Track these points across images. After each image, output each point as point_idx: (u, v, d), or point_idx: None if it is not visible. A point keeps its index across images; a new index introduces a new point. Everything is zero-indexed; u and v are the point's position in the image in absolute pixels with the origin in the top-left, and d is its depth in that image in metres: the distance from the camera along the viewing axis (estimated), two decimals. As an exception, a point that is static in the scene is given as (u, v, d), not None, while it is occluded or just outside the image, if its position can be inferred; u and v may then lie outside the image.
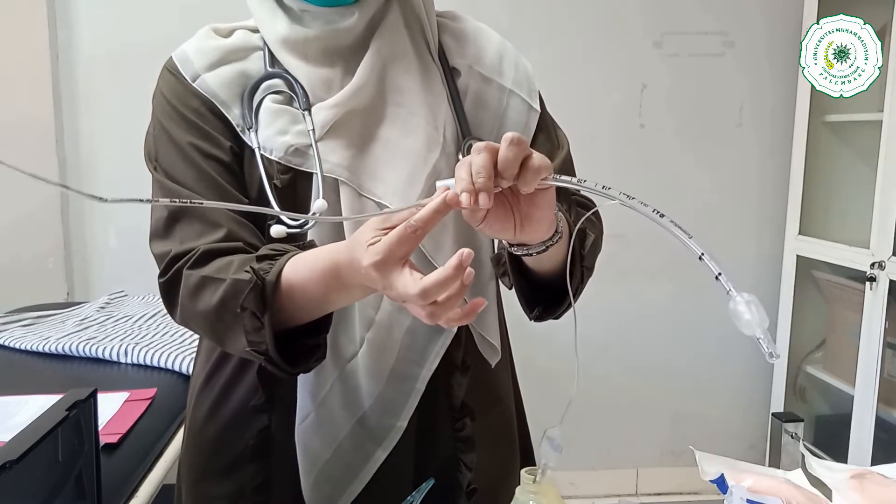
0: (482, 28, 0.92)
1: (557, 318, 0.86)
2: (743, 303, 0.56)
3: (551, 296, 0.84)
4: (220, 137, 0.81)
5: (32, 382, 1.52)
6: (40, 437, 0.75)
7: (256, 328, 0.71)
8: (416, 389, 0.83)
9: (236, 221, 0.79)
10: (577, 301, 0.79)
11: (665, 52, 2.47)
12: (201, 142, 0.81)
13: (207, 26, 0.87)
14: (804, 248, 2.40)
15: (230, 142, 0.82)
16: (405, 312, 0.82)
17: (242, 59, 0.84)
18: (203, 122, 0.81)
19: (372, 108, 0.83)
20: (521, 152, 0.62)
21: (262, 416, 0.84)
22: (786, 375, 2.50)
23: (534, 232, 0.70)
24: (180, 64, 0.83)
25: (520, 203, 0.68)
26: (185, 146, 0.81)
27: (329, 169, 0.79)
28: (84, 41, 2.30)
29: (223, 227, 0.78)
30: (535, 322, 0.86)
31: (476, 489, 0.87)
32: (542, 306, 0.85)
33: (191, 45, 0.85)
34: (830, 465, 0.83)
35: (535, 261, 0.78)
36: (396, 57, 0.85)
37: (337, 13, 0.83)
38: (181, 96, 0.82)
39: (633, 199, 0.61)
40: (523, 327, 1.10)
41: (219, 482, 0.87)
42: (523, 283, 0.84)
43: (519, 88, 0.89)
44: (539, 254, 0.75)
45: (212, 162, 0.80)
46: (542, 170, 0.64)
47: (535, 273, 0.82)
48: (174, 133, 0.81)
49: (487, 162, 0.62)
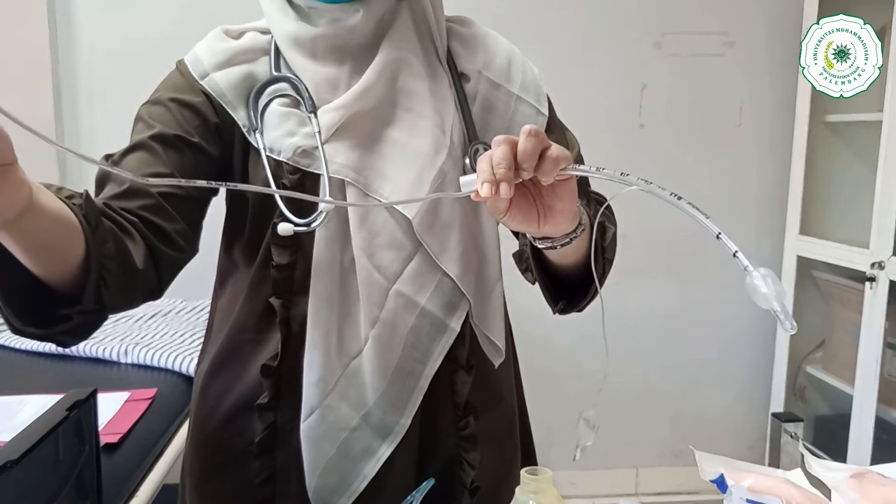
0: (491, 34, 0.93)
1: (581, 311, 0.87)
2: (759, 276, 0.58)
3: (574, 288, 0.85)
4: (205, 118, 0.82)
5: (32, 382, 1.53)
6: (40, 437, 0.75)
7: None
8: (420, 387, 0.84)
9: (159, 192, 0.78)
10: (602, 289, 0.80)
11: (665, 52, 2.47)
12: (183, 109, 0.82)
13: (219, 28, 0.88)
14: (804, 248, 2.40)
15: (215, 132, 0.83)
16: (410, 310, 0.82)
17: (251, 62, 0.85)
18: (192, 109, 0.83)
19: (379, 110, 0.84)
20: (539, 143, 0.64)
21: (267, 413, 0.84)
22: (786, 375, 2.50)
23: (557, 224, 0.72)
24: (191, 64, 0.85)
25: (542, 195, 0.69)
26: (165, 101, 0.83)
27: (335, 170, 0.80)
28: (84, 40, 2.30)
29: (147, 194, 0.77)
30: (560, 315, 0.88)
31: (478, 487, 0.87)
32: (567, 299, 0.86)
33: (202, 46, 0.86)
34: (830, 465, 0.83)
35: (558, 254, 0.79)
36: (405, 60, 0.85)
37: (341, 10, 0.83)
38: (180, 87, 0.84)
39: (651, 183, 0.63)
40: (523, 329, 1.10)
41: (223, 478, 0.88)
42: (545, 277, 0.85)
43: (527, 94, 0.90)
44: (563, 246, 0.76)
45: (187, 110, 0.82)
46: (561, 160, 0.65)
47: (557, 267, 0.83)
48: (161, 97, 0.83)
49: (507, 153, 0.64)
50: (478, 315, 0.87)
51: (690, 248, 2.52)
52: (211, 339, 0.92)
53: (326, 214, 0.79)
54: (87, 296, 0.69)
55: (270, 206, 0.80)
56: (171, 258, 0.79)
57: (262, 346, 0.85)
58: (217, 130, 0.84)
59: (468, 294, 0.84)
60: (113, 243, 0.71)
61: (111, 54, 2.29)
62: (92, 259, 0.68)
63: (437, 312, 0.83)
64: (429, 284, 0.83)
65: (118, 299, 0.73)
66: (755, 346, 2.61)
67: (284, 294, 0.83)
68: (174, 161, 0.80)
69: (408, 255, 0.82)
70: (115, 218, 0.74)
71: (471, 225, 0.86)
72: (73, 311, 0.69)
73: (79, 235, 0.67)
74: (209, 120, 0.83)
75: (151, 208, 0.78)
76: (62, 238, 0.66)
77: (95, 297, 0.70)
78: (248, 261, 0.85)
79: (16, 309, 0.68)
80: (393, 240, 0.82)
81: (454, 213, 0.84)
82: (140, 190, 0.77)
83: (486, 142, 0.87)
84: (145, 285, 0.77)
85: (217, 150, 0.84)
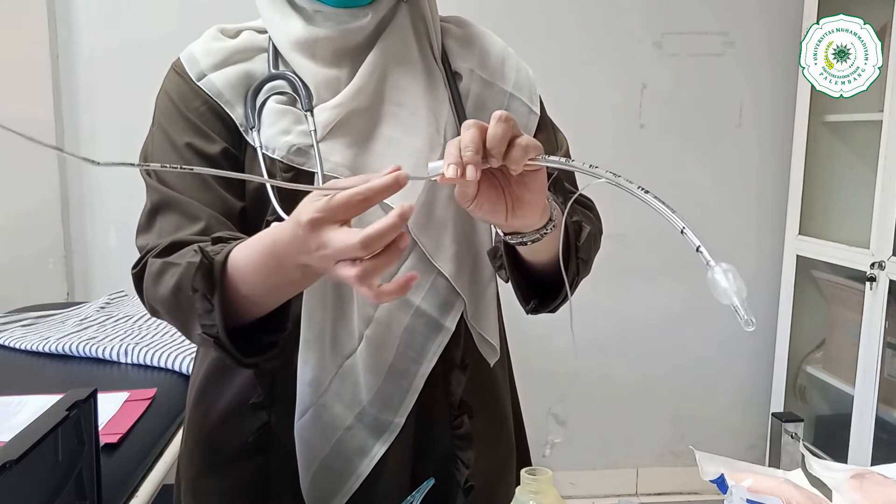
0: (485, 33, 0.93)
1: (553, 312, 0.86)
2: (721, 271, 0.57)
3: (547, 289, 0.84)
4: (217, 138, 0.82)
5: (32, 382, 1.52)
6: (40, 437, 0.75)
7: (207, 310, 0.70)
8: (415, 386, 0.84)
9: (215, 218, 0.79)
10: (573, 294, 0.79)
11: (665, 52, 2.47)
12: (198, 140, 0.82)
13: (215, 27, 0.87)
14: (804, 248, 2.40)
15: (227, 143, 0.82)
16: (404, 310, 0.82)
17: (248, 60, 0.85)
18: (203, 123, 0.82)
19: (374, 107, 0.84)
20: (508, 130, 0.64)
21: (261, 413, 0.84)
22: (786, 375, 2.50)
23: (526, 217, 0.71)
24: (187, 63, 0.84)
25: (511, 186, 0.69)
26: (181, 147, 0.82)
27: (331, 168, 0.80)
28: (84, 41, 2.29)
29: (201, 220, 0.78)
30: (531, 315, 0.87)
31: (473, 486, 0.87)
32: (538, 299, 0.85)
33: (198, 45, 0.86)
34: (830, 465, 0.83)
35: (530, 251, 0.78)
36: (401, 58, 0.85)
37: (350, 14, 0.83)
38: (185, 96, 0.83)
39: (619, 176, 0.63)
40: (519, 329, 1.10)
41: (218, 478, 0.88)
42: (519, 275, 0.84)
43: (520, 92, 0.90)
44: (533, 242, 0.75)
45: (205, 161, 0.81)
46: (531, 149, 0.65)
47: (530, 265, 0.83)
48: (172, 133, 0.82)
49: (476, 137, 0.64)
50: (472, 314, 0.87)
51: (691, 248, 2.52)
52: None
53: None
54: (285, 320, 0.76)
55: (265, 205, 0.80)
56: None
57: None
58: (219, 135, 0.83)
59: (462, 293, 0.84)
60: None
61: (111, 54, 2.29)
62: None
63: (432, 312, 0.83)
64: (423, 284, 0.83)
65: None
66: (755, 346, 2.61)
67: None
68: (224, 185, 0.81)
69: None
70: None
71: (464, 224, 0.86)
72: (276, 337, 0.76)
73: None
74: (228, 121, 0.82)
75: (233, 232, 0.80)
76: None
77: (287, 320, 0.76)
78: None
79: (239, 345, 0.72)
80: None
81: (448, 212, 0.84)
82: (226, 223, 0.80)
83: None
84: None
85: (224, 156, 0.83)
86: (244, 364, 0.74)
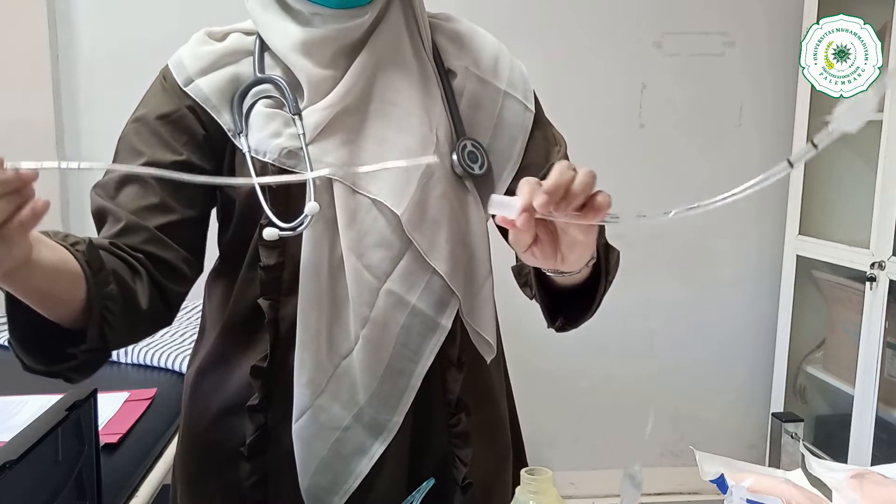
0: (477, 30, 0.93)
1: (576, 328, 0.87)
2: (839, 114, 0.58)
3: (573, 307, 0.85)
4: (182, 149, 0.83)
5: (32, 382, 1.51)
6: (40, 437, 0.75)
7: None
8: (412, 385, 0.84)
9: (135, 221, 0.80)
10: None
11: (665, 52, 2.47)
12: (159, 153, 0.82)
13: (202, 30, 0.87)
14: (804, 248, 2.40)
15: (193, 153, 0.83)
16: (400, 309, 0.82)
17: (235, 63, 0.85)
18: (168, 133, 0.83)
19: (366, 107, 0.84)
20: (593, 184, 0.65)
21: (257, 415, 0.84)
22: (786, 375, 2.50)
23: (578, 262, 0.72)
24: (175, 69, 0.85)
25: (566, 233, 0.69)
26: (151, 120, 0.83)
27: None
28: (84, 41, 2.29)
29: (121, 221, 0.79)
30: (557, 332, 0.88)
31: (471, 484, 0.87)
32: (565, 317, 0.86)
33: (186, 49, 0.86)
34: (830, 465, 0.83)
35: (562, 277, 0.79)
36: (393, 56, 0.85)
37: (348, 15, 0.83)
38: (161, 104, 0.84)
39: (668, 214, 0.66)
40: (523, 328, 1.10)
41: (214, 480, 0.88)
42: (545, 294, 0.85)
43: (514, 90, 0.90)
44: (572, 275, 0.77)
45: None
46: (605, 206, 0.66)
47: (558, 285, 0.83)
48: (138, 143, 0.84)
49: (560, 186, 0.64)
50: (468, 312, 0.87)
51: (691, 249, 2.52)
52: (202, 340, 0.92)
53: (312, 218, 0.79)
54: (90, 336, 0.72)
55: (257, 207, 0.80)
56: (177, 292, 0.83)
57: (251, 348, 0.84)
58: (207, 142, 0.84)
59: (458, 291, 0.85)
60: (116, 285, 0.74)
61: (111, 54, 2.28)
62: (94, 302, 0.71)
63: (428, 310, 0.83)
64: (419, 283, 0.83)
65: (122, 338, 0.77)
66: (755, 346, 2.61)
67: (272, 295, 0.83)
68: (168, 189, 0.81)
69: (397, 253, 0.82)
70: (123, 256, 0.77)
71: (459, 221, 0.86)
72: (78, 349, 0.73)
73: (81, 280, 0.70)
74: (196, 133, 0.83)
75: (153, 241, 0.80)
76: (64, 284, 0.70)
77: (99, 337, 0.73)
78: (236, 262, 0.85)
79: (27, 346, 0.71)
80: (382, 239, 0.81)
81: (442, 210, 0.84)
82: (139, 226, 0.80)
83: (473, 138, 0.88)
84: (151, 320, 0.81)
85: (209, 161, 0.84)
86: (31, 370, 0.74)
